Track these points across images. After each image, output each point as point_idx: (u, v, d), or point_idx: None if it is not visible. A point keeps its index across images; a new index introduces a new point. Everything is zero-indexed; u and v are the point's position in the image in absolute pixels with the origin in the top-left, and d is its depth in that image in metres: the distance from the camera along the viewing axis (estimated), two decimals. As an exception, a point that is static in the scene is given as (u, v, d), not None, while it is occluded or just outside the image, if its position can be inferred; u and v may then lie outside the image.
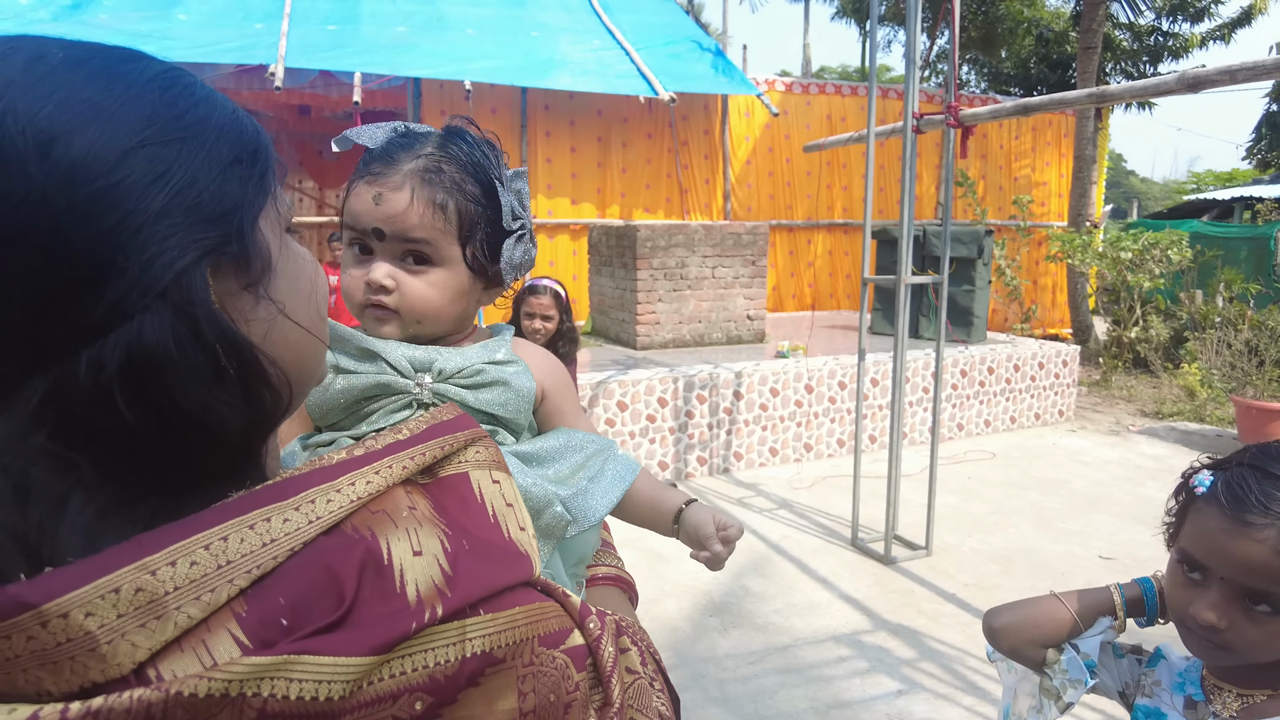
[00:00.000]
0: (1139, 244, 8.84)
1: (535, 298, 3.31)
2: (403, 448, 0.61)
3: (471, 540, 0.57)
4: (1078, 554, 4.52)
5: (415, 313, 0.97)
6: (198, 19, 8.09)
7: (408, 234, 0.95)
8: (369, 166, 0.96)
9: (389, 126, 1.00)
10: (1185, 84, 3.04)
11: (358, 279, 0.97)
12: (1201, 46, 12.89)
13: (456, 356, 0.97)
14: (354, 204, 0.96)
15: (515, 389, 0.98)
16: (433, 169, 0.96)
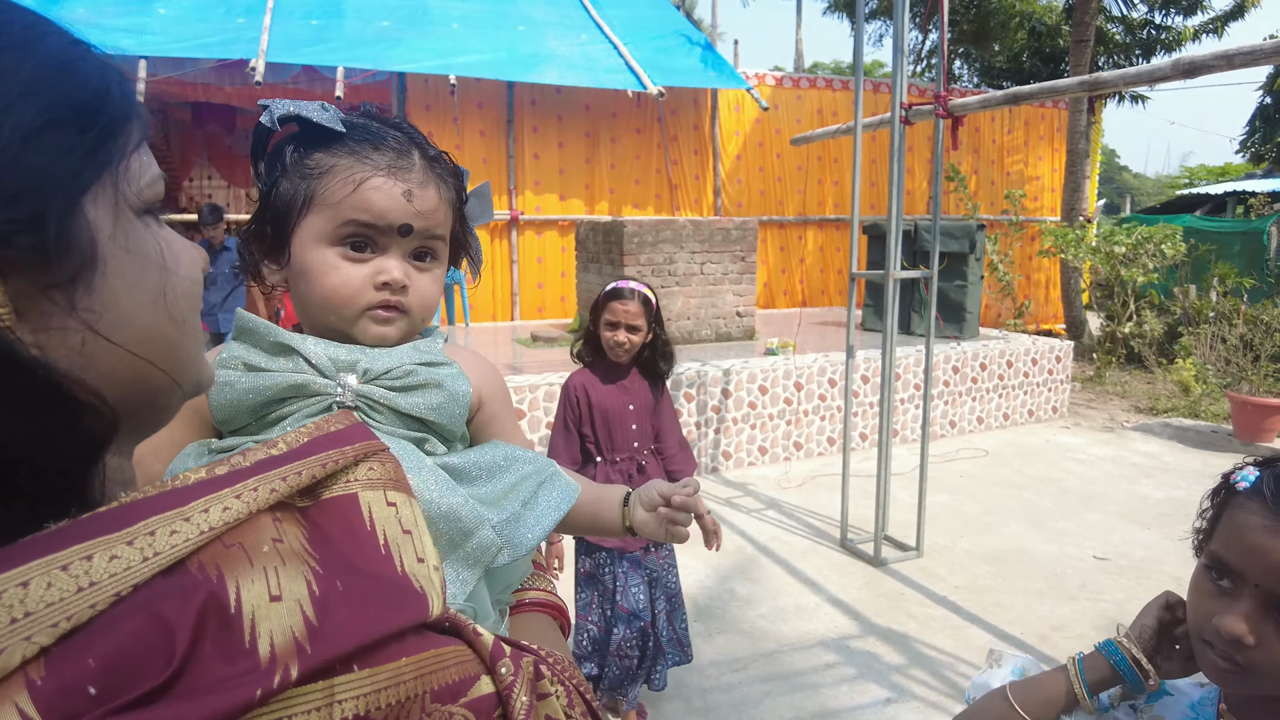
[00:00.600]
0: (1133, 238, 8.76)
1: (619, 303, 2.66)
2: (275, 465, 0.51)
3: (350, 578, 0.47)
4: (1071, 554, 4.43)
5: (424, 310, 0.94)
6: (177, 13, 7.95)
7: (434, 230, 0.92)
8: (367, 154, 0.88)
9: (322, 106, 0.90)
10: (1181, 70, 2.94)
11: (361, 279, 0.88)
12: (1195, 40, 12.80)
13: (384, 356, 0.90)
14: (374, 198, 0.87)
15: (449, 392, 0.91)
16: (435, 159, 0.94)
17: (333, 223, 0.87)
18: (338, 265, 0.88)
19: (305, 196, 0.88)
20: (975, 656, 3.42)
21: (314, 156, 0.88)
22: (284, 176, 0.89)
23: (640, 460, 2.76)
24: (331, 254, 0.88)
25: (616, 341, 2.64)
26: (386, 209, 0.87)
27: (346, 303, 0.89)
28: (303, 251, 0.89)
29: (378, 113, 0.95)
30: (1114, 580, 4.12)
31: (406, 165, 0.89)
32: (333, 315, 0.90)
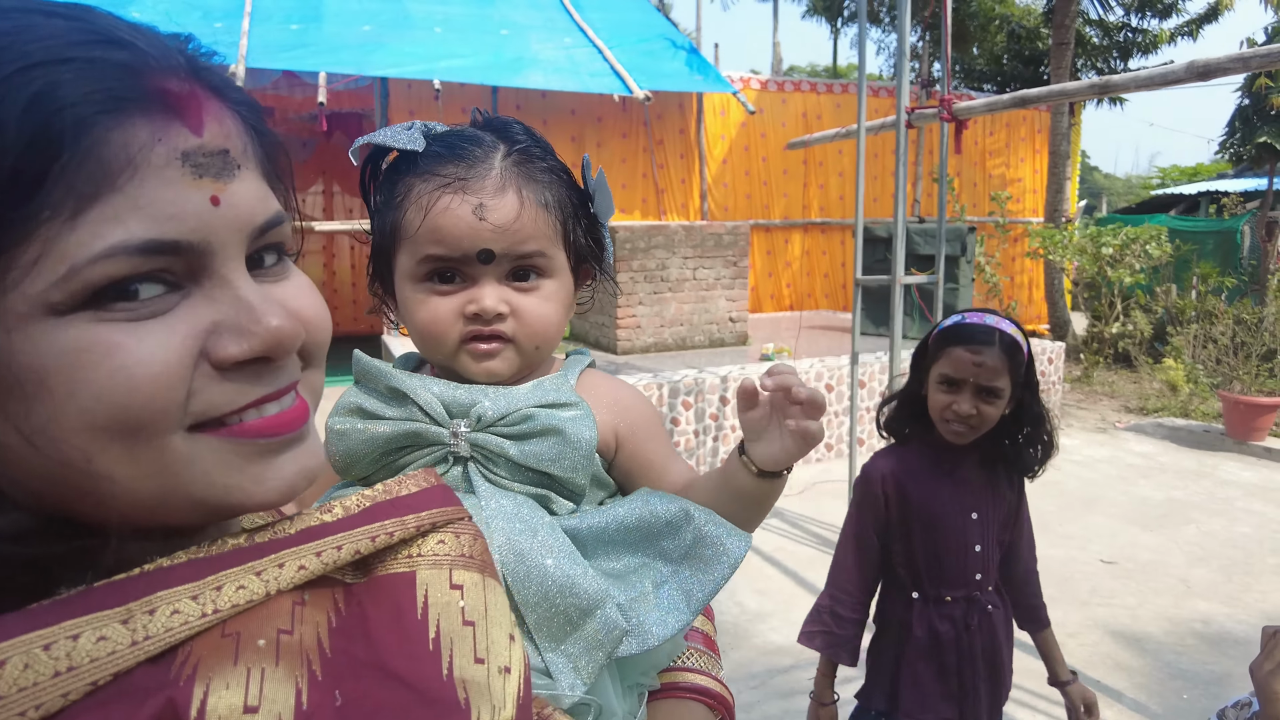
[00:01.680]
0: (1120, 239, 8.83)
1: (968, 351, 1.65)
2: (319, 535, 0.45)
3: (363, 686, 0.40)
4: (1078, 558, 4.41)
5: (535, 337, 0.83)
6: (152, 17, 7.62)
7: (522, 247, 0.81)
8: (436, 170, 0.79)
9: (413, 125, 0.82)
10: (1195, 72, 2.92)
11: (449, 312, 0.81)
12: (1170, 42, 12.99)
13: (502, 398, 0.80)
14: (444, 222, 0.78)
15: (571, 440, 0.78)
16: (525, 159, 0.83)
17: (413, 258, 0.81)
18: (425, 300, 0.82)
19: (391, 230, 0.82)
20: (994, 667, 3.37)
21: (397, 183, 0.82)
22: (377, 211, 0.84)
23: (985, 600, 1.86)
24: (420, 291, 0.82)
25: (958, 413, 1.66)
26: (456, 234, 0.78)
27: (439, 339, 0.82)
28: (400, 291, 0.84)
29: (483, 116, 0.86)
30: (1123, 584, 4.09)
31: (479, 173, 0.79)
32: (433, 354, 0.84)
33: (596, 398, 0.86)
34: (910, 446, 1.84)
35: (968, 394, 1.66)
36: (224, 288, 0.45)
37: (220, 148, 0.45)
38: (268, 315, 0.45)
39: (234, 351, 0.44)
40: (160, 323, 0.42)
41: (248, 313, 0.45)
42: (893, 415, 1.87)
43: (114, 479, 0.42)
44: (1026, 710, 3.07)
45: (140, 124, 0.41)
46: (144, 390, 0.41)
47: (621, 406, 0.88)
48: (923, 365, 1.77)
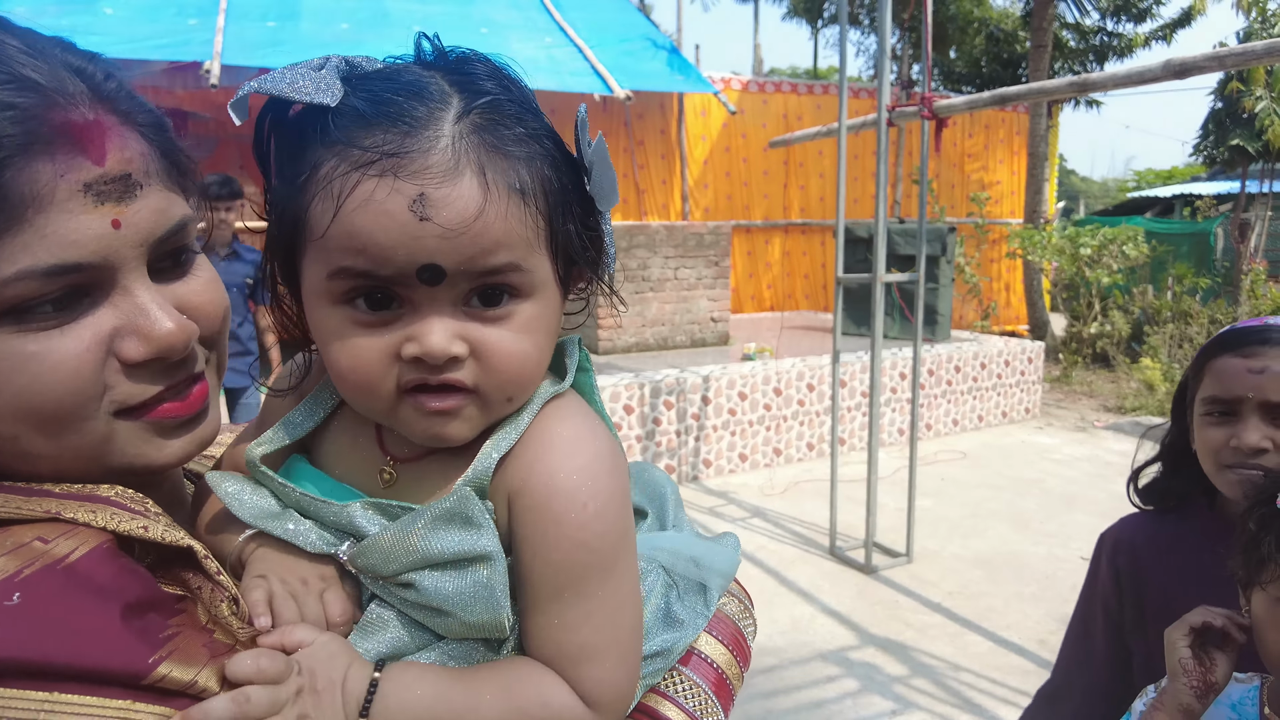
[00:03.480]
0: (1098, 240, 8.91)
1: (1239, 358, 1.16)
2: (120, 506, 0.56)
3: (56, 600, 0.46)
4: (1060, 556, 4.42)
5: (508, 386, 0.59)
6: (126, 13, 7.65)
7: (488, 261, 0.55)
8: (355, 140, 0.53)
9: (326, 62, 0.57)
10: (1172, 71, 2.93)
11: (379, 355, 0.56)
12: (1145, 46, 13.15)
13: (395, 547, 0.57)
14: (365, 223, 0.53)
15: (463, 621, 0.58)
16: (490, 119, 0.56)
17: (323, 270, 0.56)
18: (344, 335, 0.57)
19: (294, 226, 0.57)
20: (976, 664, 3.37)
21: (303, 154, 0.56)
22: (276, 195, 0.59)
23: None
24: (337, 317, 0.57)
25: (1241, 449, 1.12)
26: (384, 243, 0.53)
27: (367, 392, 0.57)
28: (309, 312, 0.59)
29: (432, 49, 0.60)
30: (1104, 581, 4.11)
31: (420, 144, 0.53)
32: (360, 406, 0.61)
33: (511, 475, 0.60)
34: (1175, 515, 1.30)
35: (1252, 418, 1.12)
36: (126, 296, 0.54)
37: (121, 173, 0.52)
38: (163, 321, 0.54)
39: (135, 354, 0.54)
40: (69, 331, 0.51)
41: (145, 319, 0.54)
42: (1157, 480, 1.31)
43: (40, 454, 0.53)
44: (1011, 709, 3.07)
45: (43, 164, 0.48)
46: (57, 390, 0.51)
47: (521, 501, 0.60)
48: (1183, 405, 1.26)
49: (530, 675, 0.59)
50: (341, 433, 0.66)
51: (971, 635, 3.62)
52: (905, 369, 6.54)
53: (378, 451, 0.64)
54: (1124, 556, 1.31)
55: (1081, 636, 1.37)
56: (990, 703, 3.11)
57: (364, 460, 0.64)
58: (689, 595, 0.73)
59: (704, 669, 0.71)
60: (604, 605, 0.60)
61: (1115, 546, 1.33)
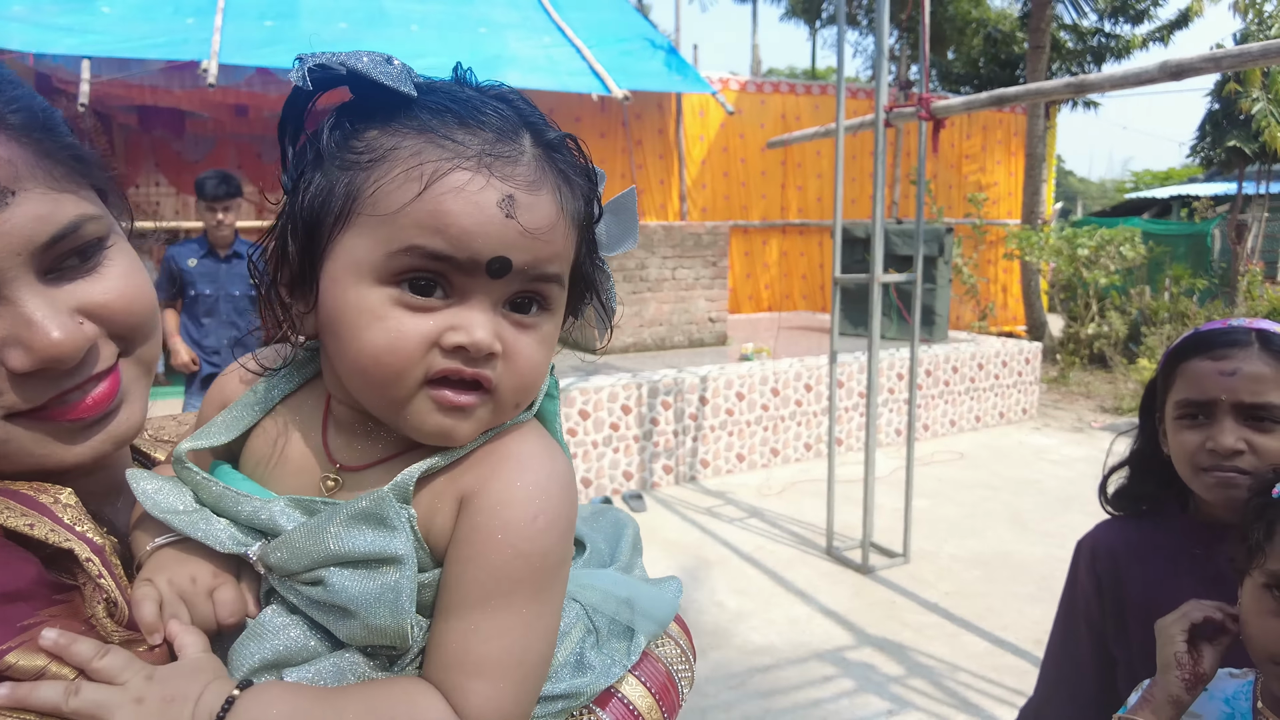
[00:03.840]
0: (1095, 241, 8.92)
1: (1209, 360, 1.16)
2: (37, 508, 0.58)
3: None
4: (1057, 556, 4.42)
5: (520, 392, 0.61)
6: (123, 11, 7.64)
7: (546, 268, 0.59)
8: (449, 133, 0.56)
9: (388, 59, 0.58)
10: (1168, 72, 2.93)
11: (420, 338, 0.57)
12: (1142, 47, 13.18)
13: (309, 542, 0.57)
14: (454, 209, 0.55)
15: (363, 623, 0.57)
16: (556, 151, 0.61)
17: (384, 246, 0.56)
18: (385, 315, 0.57)
19: (345, 200, 0.57)
20: (973, 664, 3.37)
21: (365, 136, 0.57)
22: (318, 168, 0.58)
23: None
24: (377, 296, 0.57)
25: (1217, 451, 1.11)
26: (471, 228, 0.55)
27: (396, 375, 0.57)
28: (336, 289, 0.58)
29: (475, 80, 0.63)
30: (1101, 582, 4.12)
31: (510, 152, 0.57)
32: (372, 393, 0.59)
33: (465, 480, 0.61)
34: (1151, 519, 1.29)
35: (1226, 420, 1.11)
36: (10, 307, 0.53)
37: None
38: (48, 331, 0.53)
39: (18, 365, 0.53)
40: None
41: (29, 330, 0.53)
42: (1126, 486, 1.32)
43: None
44: (1008, 709, 3.07)
45: None
46: None
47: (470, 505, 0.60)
48: (1152, 410, 1.26)
49: (402, 692, 0.57)
50: (274, 442, 0.66)
51: (968, 635, 3.63)
52: (903, 369, 6.55)
53: (324, 458, 0.64)
54: (1103, 562, 1.30)
55: (1065, 648, 1.36)
56: (987, 702, 3.12)
57: (301, 469, 0.64)
58: (612, 640, 0.71)
59: (620, 711, 0.68)
60: (522, 624, 0.59)
61: (1094, 553, 1.32)
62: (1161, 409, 1.23)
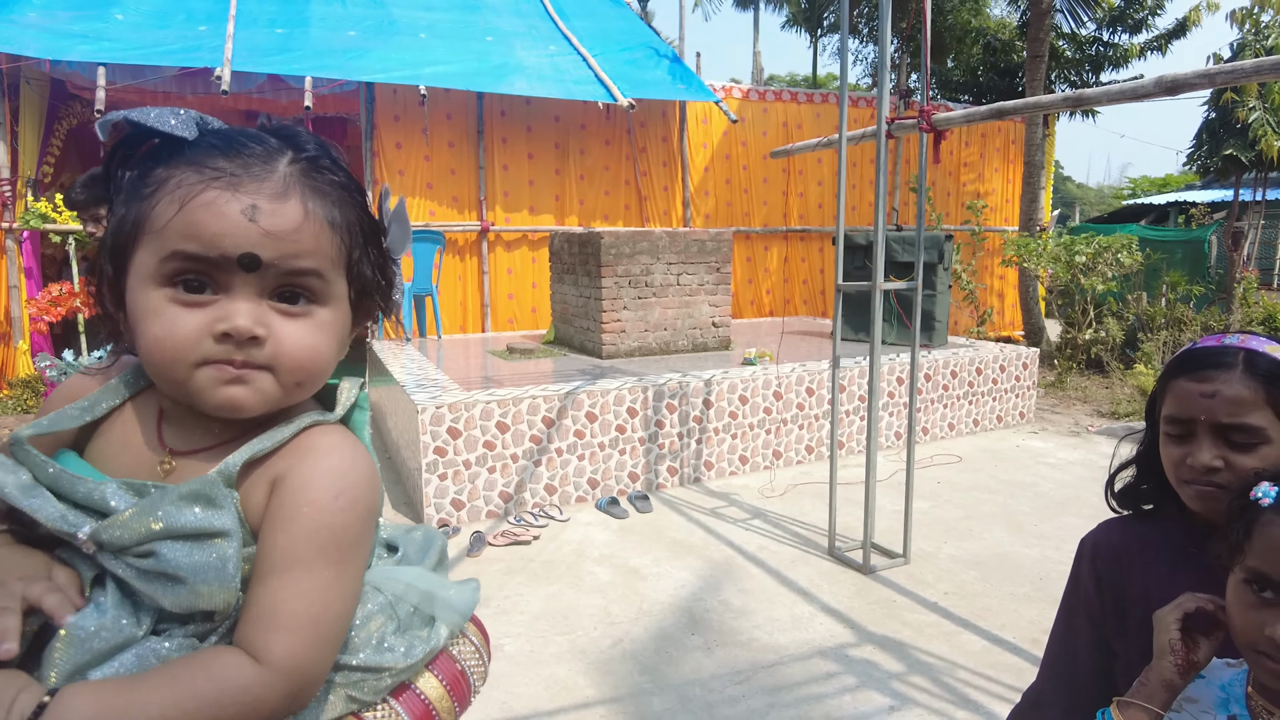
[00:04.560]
0: (1092, 248, 9.03)
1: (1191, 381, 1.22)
2: None
3: None
4: (1053, 558, 4.53)
5: (298, 371, 0.71)
6: (136, 19, 7.75)
7: (297, 262, 0.70)
8: (206, 162, 0.68)
9: (187, 112, 0.72)
10: (1164, 87, 3.04)
11: (192, 328, 0.68)
12: (1140, 57, 13.30)
13: (141, 517, 0.65)
14: (204, 217, 0.67)
15: (192, 589, 0.66)
16: (314, 170, 0.73)
17: (157, 255, 0.68)
18: (162, 311, 0.68)
19: (135, 224, 0.69)
20: (972, 662, 3.47)
21: (153, 173, 0.70)
22: (122, 203, 0.71)
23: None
24: (158, 296, 0.69)
25: (1194, 467, 1.20)
26: (216, 231, 0.67)
27: (173, 359, 0.68)
28: (131, 296, 0.70)
29: (271, 123, 0.76)
30: (1096, 582, 4.21)
31: (260, 173, 0.69)
32: (162, 378, 0.70)
33: (276, 468, 0.71)
34: (1151, 519, 1.36)
35: (1205, 438, 1.19)
36: None
37: None
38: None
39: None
40: None
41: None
42: (1130, 485, 1.38)
43: None
44: (1005, 705, 3.17)
45: None
46: None
47: (280, 487, 0.71)
48: (1153, 409, 1.32)
49: (199, 658, 0.65)
50: (117, 433, 0.75)
51: (967, 634, 3.73)
52: (902, 374, 6.65)
53: (158, 445, 0.74)
54: (1105, 559, 1.36)
55: (1065, 639, 1.42)
56: (985, 699, 3.22)
57: (139, 457, 0.74)
58: (414, 628, 0.80)
59: (413, 702, 0.78)
60: (322, 586, 0.68)
61: (1095, 550, 1.39)
62: (1158, 419, 1.31)
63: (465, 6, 9.72)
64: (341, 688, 0.74)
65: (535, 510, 5.22)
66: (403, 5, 9.30)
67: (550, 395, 5.27)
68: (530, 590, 4.16)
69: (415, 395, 5.08)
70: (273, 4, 8.63)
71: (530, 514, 5.17)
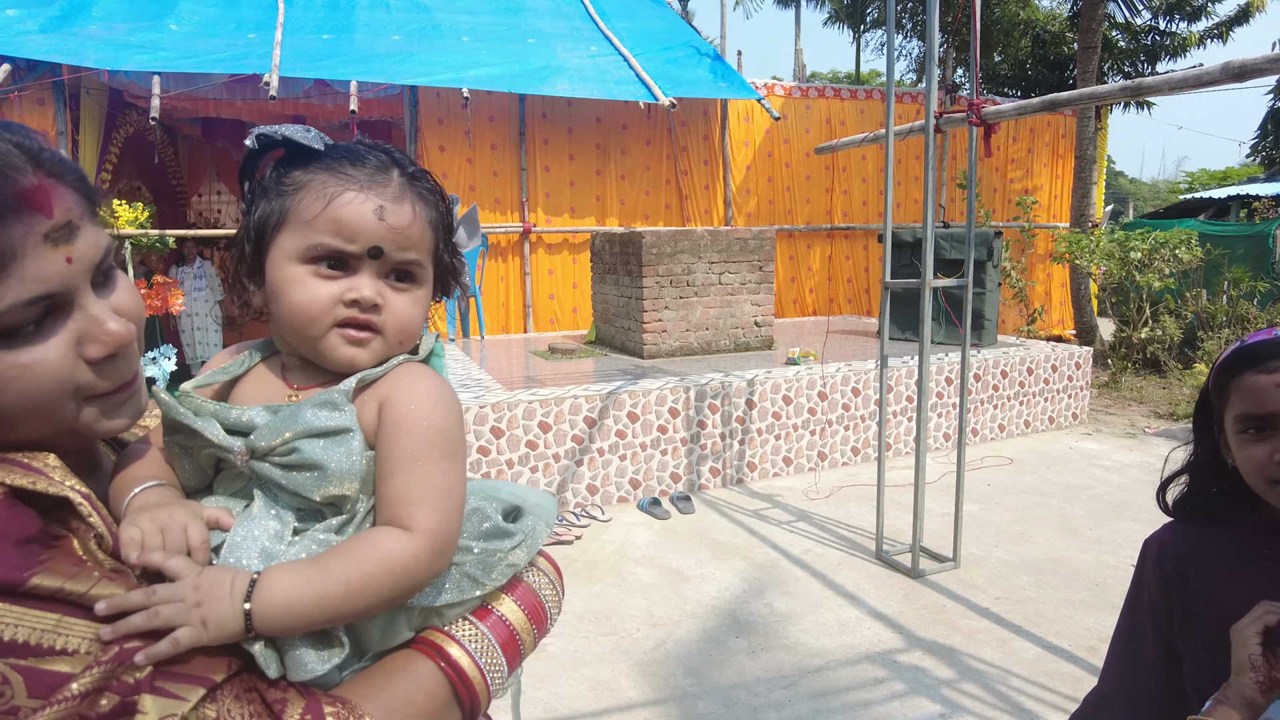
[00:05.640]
0: (1148, 244, 8.75)
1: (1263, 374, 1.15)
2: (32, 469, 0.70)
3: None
4: (1109, 563, 4.39)
5: (401, 332, 0.90)
6: (190, 29, 7.94)
7: (407, 254, 0.89)
8: (343, 169, 0.86)
9: (306, 128, 0.89)
10: (1230, 74, 2.92)
11: (329, 295, 0.86)
12: (1199, 45, 12.86)
13: (274, 426, 0.83)
14: (345, 214, 0.84)
15: (331, 474, 0.82)
16: (415, 180, 0.91)
17: (304, 241, 0.85)
18: (304, 281, 0.86)
19: (280, 213, 0.86)
20: (1025, 669, 3.37)
21: (292, 174, 0.87)
22: (263, 196, 0.88)
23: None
24: (301, 270, 0.86)
25: None
26: (357, 228, 0.84)
27: (314, 320, 0.86)
28: (274, 270, 0.87)
29: (368, 141, 0.93)
30: (1156, 589, 4.07)
31: (382, 180, 0.87)
32: (299, 335, 0.87)
33: (379, 393, 0.87)
34: (1220, 521, 1.29)
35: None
36: (82, 311, 0.71)
37: (65, 221, 0.68)
38: (112, 324, 0.72)
39: (96, 354, 0.71)
40: (48, 343, 0.68)
41: (100, 326, 0.71)
42: (1188, 494, 1.33)
43: (26, 429, 0.70)
44: (1061, 715, 3.08)
45: (14, 225, 0.64)
46: (46, 386, 0.69)
47: (389, 406, 0.86)
48: (1208, 421, 1.27)
49: (362, 537, 0.81)
50: (253, 382, 0.93)
51: (1020, 641, 3.63)
52: (951, 374, 6.52)
53: (284, 384, 0.92)
54: (1170, 561, 1.30)
55: (1128, 642, 1.37)
56: (1040, 708, 3.12)
57: (272, 393, 0.91)
58: (510, 524, 0.96)
59: (498, 626, 0.91)
60: (441, 473, 0.85)
61: (1160, 551, 1.33)
62: (1220, 423, 1.24)
63: (507, 9, 9.79)
64: (458, 568, 0.89)
65: (577, 510, 5.22)
66: (446, 9, 9.39)
67: (592, 395, 5.27)
68: (573, 590, 4.15)
69: (459, 395, 5.11)
70: (319, 10, 8.78)
71: (573, 514, 5.17)
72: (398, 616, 0.85)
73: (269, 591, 0.74)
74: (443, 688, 0.84)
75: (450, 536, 0.84)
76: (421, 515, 0.82)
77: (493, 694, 0.89)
